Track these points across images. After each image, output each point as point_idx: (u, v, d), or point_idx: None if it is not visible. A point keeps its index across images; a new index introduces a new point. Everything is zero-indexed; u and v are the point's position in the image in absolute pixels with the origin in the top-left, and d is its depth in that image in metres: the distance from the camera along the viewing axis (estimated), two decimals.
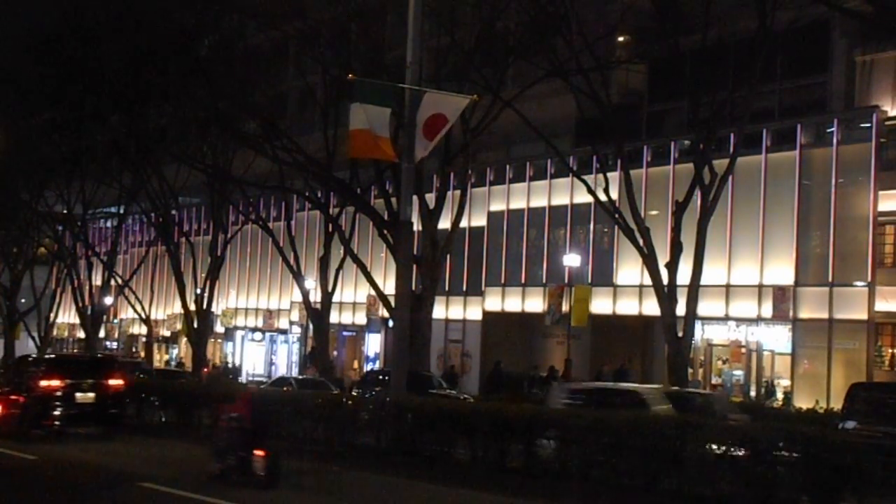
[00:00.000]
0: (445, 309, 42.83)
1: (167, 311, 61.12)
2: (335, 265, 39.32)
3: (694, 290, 27.22)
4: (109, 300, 56.23)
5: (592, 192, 29.90)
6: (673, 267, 27.37)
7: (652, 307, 30.52)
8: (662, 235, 30.32)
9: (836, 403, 25.78)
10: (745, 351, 34.80)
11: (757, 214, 33.87)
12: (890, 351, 32.68)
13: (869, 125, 32.14)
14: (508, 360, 38.81)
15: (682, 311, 27.46)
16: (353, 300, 47.97)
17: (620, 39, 38.61)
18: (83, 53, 41.50)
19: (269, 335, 55.94)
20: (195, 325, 45.10)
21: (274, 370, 53.45)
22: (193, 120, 42.23)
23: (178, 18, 39.20)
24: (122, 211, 53.57)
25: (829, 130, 33.23)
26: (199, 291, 46.24)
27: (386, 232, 33.16)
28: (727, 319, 34.75)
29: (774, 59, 31.54)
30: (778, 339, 33.88)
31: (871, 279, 31.36)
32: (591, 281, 38.42)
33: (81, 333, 57.43)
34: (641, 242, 27.93)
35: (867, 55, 33.82)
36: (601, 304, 38.05)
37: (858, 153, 32.10)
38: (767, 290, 33.37)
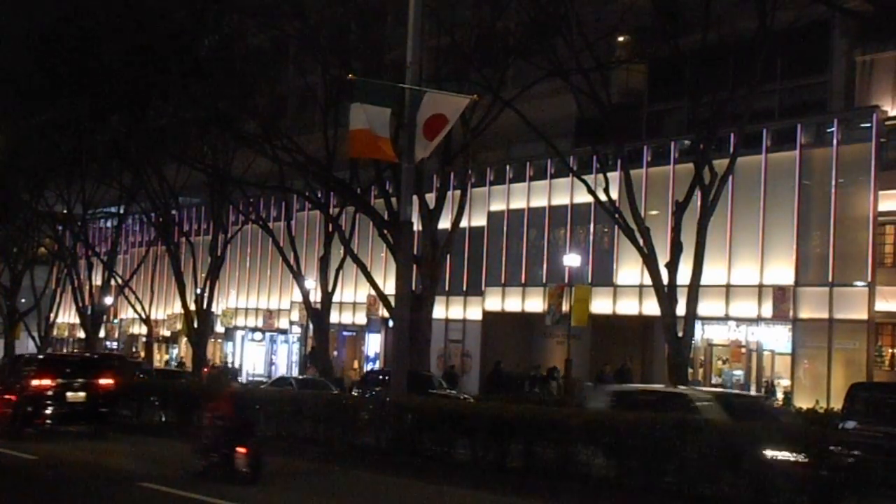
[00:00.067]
0: (445, 309, 42.82)
1: (167, 311, 61.11)
2: (335, 265, 39.33)
3: (694, 290, 27.22)
4: (109, 300, 56.23)
5: (592, 192, 29.90)
6: (673, 267, 27.36)
7: (652, 307, 30.52)
8: (662, 235, 30.32)
9: (836, 403, 25.80)
10: (745, 351, 34.81)
11: (757, 214, 33.86)
12: (890, 351, 32.68)
13: (869, 125, 32.14)
14: (508, 360, 38.85)
15: (682, 311, 27.46)
16: (353, 300, 47.97)
17: (620, 39, 38.58)
18: (83, 53, 41.50)
19: (269, 335, 55.93)
20: (195, 325, 45.11)
21: (274, 370, 53.44)
22: (193, 120, 42.22)
23: (178, 18, 39.21)
24: (122, 211, 53.58)
25: (829, 130, 33.23)
26: (199, 291, 46.24)
27: (386, 232, 33.16)
28: (727, 319, 34.75)
29: (774, 59, 31.54)
30: (778, 339, 33.88)
31: (871, 279, 31.37)
32: (591, 281, 38.42)
33: (81, 333, 57.39)
34: (641, 242, 27.92)
35: (867, 55, 33.81)
36: (601, 304, 38.04)
37: (858, 153, 32.10)
38: (767, 290, 33.37)
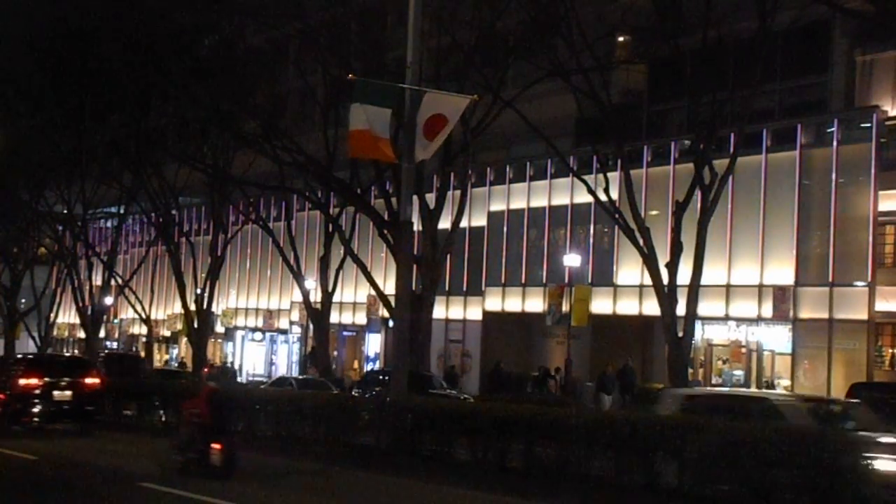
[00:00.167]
0: (445, 309, 42.82)
1: (167, 311, 61.10)
2: (335, 265, 39.36)
3: (694, 290, 27.24)
4: (109, 300, 56.23)
5: (592, 192, 29.92)
6: (673, 267, 27.38)
7: (652, 307, 30.52)
8: (662, 235, 30.33)
9: None
10: (745, 351, 34.78)
11: (757, 214, 33.84)
12: (890, 351, 32.65)
13: (869, 125, 32.11)
14: (508, 360, 38.83)
15: (682, 311, 27.48)
16: (353, 300, 47.95)
17: (620, 39, 38.60)
18: (83, 53, 41.54)
19: (269, 335, 55.91)
20: (195, 325, 45.14)
21: (274, 370, 53.43)
22: (193, 120, 42.28)
23: (178, 19, 39.24)
24: (122, 211, 53.58)
25: (829, 130, 33.20)
26: (199, 291, 46.28)
27: (386, 232, 33.18)
28: (727, 319, 34.73)
29: (774, 59, 31.56)
30: (778, 339, 33.86)
31: (871, 279, 31.34)
32: (591, 281, 38.40)
33: (81, 333, 57.42)
34: (641, 242, 27.94)
35: (867, 55, 33.78)
36: (601, 304, 38.03)
37: (858, 153, 32.07)
38: (767, 290, 33.35)
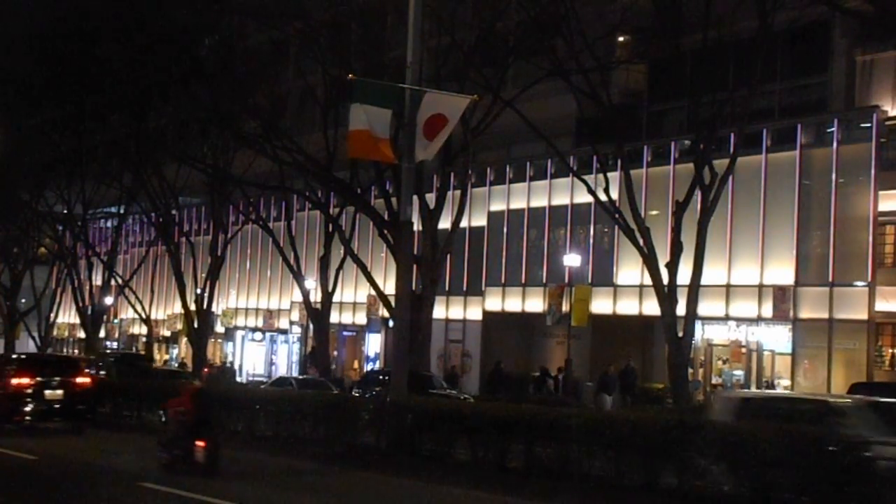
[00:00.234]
0: (445, 309, 42.81)
1: (167, 311, 61.09)
2: (335, 265, 39.37)
3: (694, 290, 27.24)
4: (109, 300, 56.25)
5: (592, 192, 29.92)
6: (673, 267, 27.38)
7: (652, 307, 30.52)
8: (662, 235, 30.32)
9: None
10: (745, 351, 34.78)
11: (757, 214, 33.84)
12: (890, 351, 32.64)
13: (869, 125, 32.11)
14: (508, 360, 38.82)
15: (682, 311, 27.48)
16: (353, 300, 47.95)
17: (620, 39, 38.60)
18: (83, 53, 41.54)
19: (269, 335, 55.91)
20: (195, 325, 45.16)
21: (274, 370, 53.42)
22: (193, 120, 42.29)
23: (178, 18, 39.23)
24: (122, 211, 53.62)
25: (829, 130, 33.19)
26: (199, 291, 46.29)
27: (386, 232, 33.18)
28: (727, 319, 34.73)
29: (774, 59, 31.59)
30: (778, 339, 33.86)
31: (871, 279, 31.34)
32: (591, 281, 38.40)
33: (81, 333, 57.43)
34: (641, 242, 27.94)
35: (867, 55, 33.77)
36: (601, 304, 38.03)
37: (858, 153, 32.07)
38: (767, 290, 33.35)
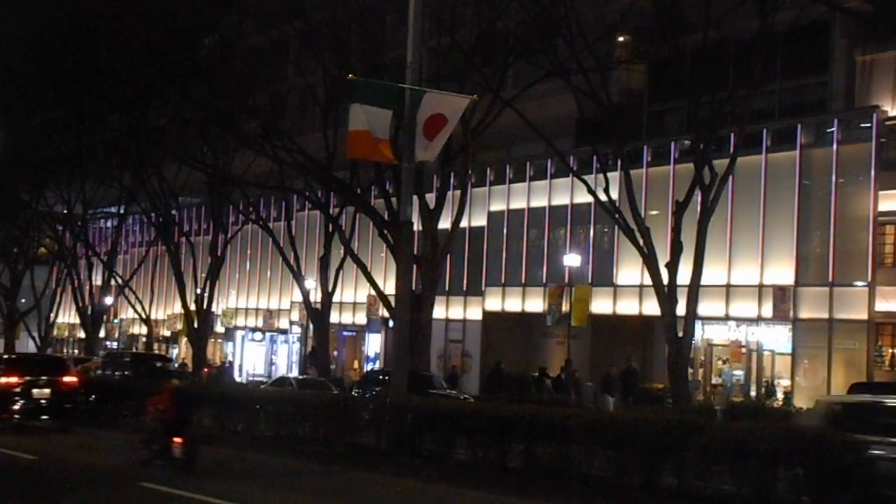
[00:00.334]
0: (445, 309, 42.81)
1: (167, 311, 61.10)
2: (335, 265, 39.37)
3: (694, 290, 27.25)
4: (109, 300, 56.26)
5: (592, 192, 29.93)
6: (673, 267, 27.40)
7: (652, 307, 30.52)
8: (662, 235, 30.33)
9: None
10: (745, 351, 34.78)
11: (757, 214, 33.84)
12: (890, 351, 32.65)
13: (869, 125, 32.11)
14: (508, 360, 38.81)
15: (682, 311, 27.49)
16: (353, 300, 47.96)
17: (620, 39, 38.61)
18: (83, 53, 41.54)
19: (269, 335, 55.91)
20: (195, 325, 45.16)
21: (274, 370, 53.42)
22: (193, 120, 42.27)
23: (178, 18, 39.24)
24: (122, 211, 53.64)
25: (829, 130, 33.20)
26: (199, 291, 46.29)
27: (386, 232, 33.18)
28: (727, 319, 34.73)
29: (774, 59, 31.56)
30: (778, 339, 33.86)
31: (871, 279, 31.34)
32: (591, 281, 38.40)
33: (81, 333, 57.44)
34: (641, 242, 27.95)
35: (867, 55, 33.77)
36: (601, 304, 38.03)
37: (858, 153, 32.07)
38: (767, 290, 33.35)
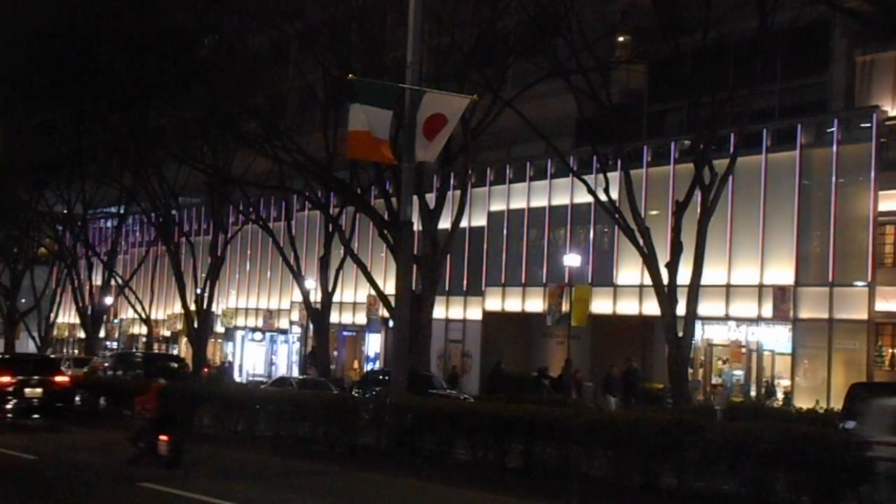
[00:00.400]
0: (445, 309, 42.82)
1: (167, 311, 61.11)
2: (335, 265, 39.36)
3: (694, 290, 27.25)
4: (109, 300, 56.25)
5: (592, 192, 29.93)
6: (673, 267, 27.40)
7: (652, 307, 30.52)
8: (662, 235, 30.33)
9: (836, 404, 25.80)
10: (745, 351, 34.78)
11: (757, 214, 33.85)
12: (890, 351, 32.65)
13: (869, 125, 32.11)
14: (508, 360, 38.81)
15: (682, 311, 27.48)
16: (353, 300, 47.96)
17: (620, 39, 38.63)
18: (83, 53, 41.58)
19: (269, 335, 55.92)
20: (195, 325, 45.16)
21: (274, 370, 53.43)
22: (193, 120, 42.28)
23: (178, 19, 39.26)
24: (122, 211, 53.64)
25: (829, 130, 33.20)
26: (199, 291, 46.30)
27: (386, 232, 33.18)
28: (727, 319, 34.73)
29: (774, 59, 31.57)
30: (778, 339, 33.86)
31: (871, 279, 31.34)
32: (591, 281, 38.40)
33: (81, 333, 57.43)
34: (641, 242, 27.95)
35: (867, 55, 33.77)
36: (601, 304, 38.03)
37: (858, 153, 32.07)
38: (767, 290, 33.35)
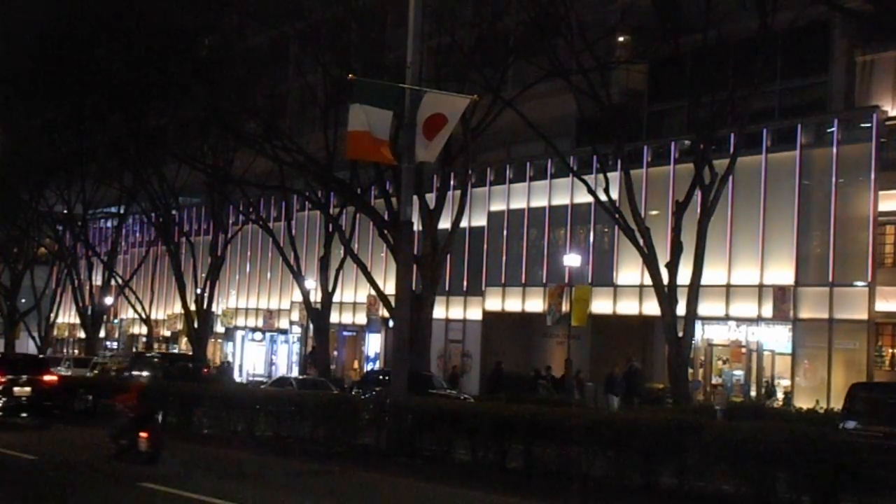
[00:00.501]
0: (445, 309, 42.82)
1: (167, 311, 61.11)
2: (335, 265, 39.38)
3: (694, 290, 27.27)
4: (109, 300, 56.27)
5: (593, 192, 29.95)
6: (673, 267, 27.41)
7: (652, 307, 30.53)
8: (662, 235, 30.34)
9: (836, 404, 25.80)
10: (745, 351, 34.78)
11: (757, 214, 33.85)
12: (890, 351, 32.65)
13: (869, 125, 32.12)
14: (509, 360, 38.82)
15: (682, 311, 27.50)
16: (353, 300, 47.96)
17: (620, 39, 38.62)
18: (83, 53, 41.57)
19: (269, 335, 55.93)
20: (195, 325, 45.17)
21: (274, 370, 53.43)
22: (193, 120, 42.32)
23: (178, 19, 39.27)
24: (122, 211, 53.66)
25: (829, 130, 33.20)
26: (199, 291, 46.31)
27: (386, 232, 33.20)
28: (727, 319, 34.73)
29: (774, 59, 31.58)
30: (778, 339, 33.86)
31: (871, 279, 31.34)
32: (591, 281, 38.40)
33: (81, 333, 57.45)
34: (642, 242, 27.97)
35: (867, 55, 33.77)
36: (601, 304, 38.03)
37: (858, 153, 32.08)
38: (767, 290, 33.35)
